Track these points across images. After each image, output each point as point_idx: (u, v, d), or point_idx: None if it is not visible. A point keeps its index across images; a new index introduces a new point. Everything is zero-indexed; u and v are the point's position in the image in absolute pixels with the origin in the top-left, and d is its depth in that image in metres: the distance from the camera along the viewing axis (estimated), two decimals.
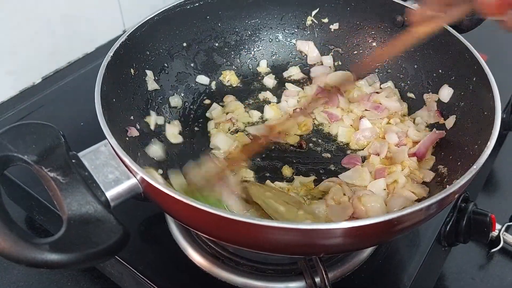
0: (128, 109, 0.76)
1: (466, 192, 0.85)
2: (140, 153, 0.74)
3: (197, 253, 0.72)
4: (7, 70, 1.03)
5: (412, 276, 0.71)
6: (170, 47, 0.87)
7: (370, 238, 0.57)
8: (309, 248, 0.57)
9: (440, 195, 0.53)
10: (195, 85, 0.92)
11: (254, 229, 0.51)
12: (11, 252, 0.47)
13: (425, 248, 0.75)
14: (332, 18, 0.95)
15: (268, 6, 0.95)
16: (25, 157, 0.54)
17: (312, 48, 0.97)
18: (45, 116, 0.95)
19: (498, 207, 0.96)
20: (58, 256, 0.48)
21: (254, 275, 0.70)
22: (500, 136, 0.65)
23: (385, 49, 0.79)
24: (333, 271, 0.70)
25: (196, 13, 0.89)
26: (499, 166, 1.07)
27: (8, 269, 0.83)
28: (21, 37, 1.02)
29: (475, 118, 0.72)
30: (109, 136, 0.58)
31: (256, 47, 0.97)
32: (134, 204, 0.63)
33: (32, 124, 0.57)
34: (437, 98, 0.83)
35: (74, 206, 0.51)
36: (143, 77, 0.81)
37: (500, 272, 0.87)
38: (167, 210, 0.61)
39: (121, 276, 0.76)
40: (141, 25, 0.79)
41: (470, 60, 0.75)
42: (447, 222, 0.79)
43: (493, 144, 0.60)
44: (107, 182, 0.56)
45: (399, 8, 0.87)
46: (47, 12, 1.05)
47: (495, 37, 1.21)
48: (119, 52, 0.73)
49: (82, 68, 1.10)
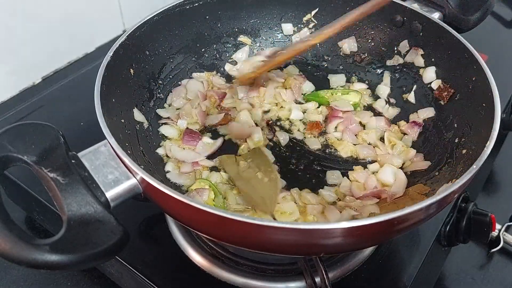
0: (128, 109, 0.77)
1: (466, 192, 0.85)
2: (140, 152, 0.74)
3: (197, 253, 0.72)
4: (7, 70, 1.03)
5: (412, 276, 0.71)
6: (169, 47, 0.87)
7: (370, 238, 0.57)
8: (309, 248, 0.57)
9: (440, 195, 0.53)
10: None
11: (254, 229, 0.51)
12: (11, 253, 0.47)
13: (425, 248, 0.75)
14: (332, 18, 0.95)
15: (268, 6, 0.95)
16: (25, 158, 0.54)
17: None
18: (45, 116, 0.95)
19: (498, 207, 0.96)
20: (58, 257, 0.48)
21: (254, 275, 0.70)
22: (500, 136, 0.65)
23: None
24: (333, 271, 0.70)
25: (195, 13, 0.89)
26: (499, 166, 1.07)
27: (8, 269, 0.83)
28: (21, 37, 1.02)
29: (474, 118, 0.72)
30: (109, 136, 0.58)
31: (256, 47, 0.97)
32: (134, 204, 0.63)
33: (32, 124, 0.57)
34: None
35: (74, 207, 0.51)
36: (142, 77, 0.82)
37: (500, 272, 0.87)
38: (167, 210, 0.61)
39: (121, 276, 0.76)
40: (141, 25, 0.79)
41: (470, 60, 0.75)
42: (447, 222, 0.79)
43: (493, 144, 0.60)
44: (107, 182, 0.56)
45: (399, 8, 0.87)
46: (47, 12, 1.05)
47: (495, 37, 1.22)
48: (119, 52, 0.73)
49: (82, 68, 1.09)
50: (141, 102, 0.81)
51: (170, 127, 0.83)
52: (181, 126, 0.83)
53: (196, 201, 0.51)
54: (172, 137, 0.81)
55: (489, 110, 0.66)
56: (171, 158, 0.78)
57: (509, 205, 0.98)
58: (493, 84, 0.68)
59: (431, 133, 0.81)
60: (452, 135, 0.76)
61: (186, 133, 0.81)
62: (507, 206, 0.97)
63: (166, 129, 0.82)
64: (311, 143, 0.83)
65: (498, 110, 0.64)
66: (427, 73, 0.85)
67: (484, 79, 0.70)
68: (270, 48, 0.96)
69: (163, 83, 0.87)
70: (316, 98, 0.90)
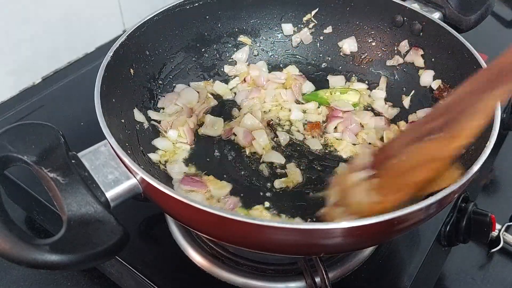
0: (128, 109, 0.77)
1: (466, 192, 0.85)
2: (140, 152, 0.74)
3: (197, 253, 0.72)
4: (7, 70, 1.03)
5: (412, 276, 0.71)
6: (169, 47, 0.87)
7: (370, 238, 0.57)
8: (309, 248, 0.57)
9: (440, 195, 0.53)
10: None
11: (254, 229, 0.51)
12: (11, 253, 0.47)
13: (425, 248, 0.75)
14: (332, 18, 0.95)
15: (268, 6, 0.95)
16: (25, 158, 0.54)
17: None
18: (45, 116, 0.95)
19: (498, 207, 0.96)
20: (58, 257, 0.48)
21: (254, 275, 0.70)
22: (500, 136, 0.65)
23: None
24: (333, 271, 0.70)
25: (195, 13, 0.89)
26: (499, 166, 1.07)
27: (8, 269, 0.83)
28: (21, 37, 1.02)
29: None
30: (109, 136, 0.58)
31: (256, 47, 0.97)
32: (134, 204, 0.63)
33: (32, 124, 0.57)
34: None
35: (74, 207, 0.51)
36: (142, 77, 0.82)
37: (500, 272, 0.87)
38: (167, 210, 0.61)
39: (121, 276, 0.76)
40: (141, 25, 0.79)
41: (469, 60, 0.75)
42: (447, 222, 0.79)
43: (493, 144, 0.60)
44: (107, 182, 0.56)
45: (399, 8, 0.87)
46: (47, 12, 1.05)
47: (495, 37, 1.22)
48: (119, 52, 0.73)
49: (82, 68, 1.09)
50: (141, 102, 0.81)
51: (161, 139, 0.80)
52: (172, 137, 0.81)
53: (196, 201, 0.51)
54: (167, 150, 0.79)
55: None
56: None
57: (509, 205, 0.98)
58: None
59: None
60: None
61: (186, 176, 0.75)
62: (507, 206, 0.97)
63: (159, 142, 0.79)
64: (312, 144, 0.83)
65: (498, 110, 0.64)
66: (425, 77, 0.86)
67: None
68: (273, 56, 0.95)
69: (163, 83, 0.87)
70: (316, 98, 0.90)
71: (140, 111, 0.79)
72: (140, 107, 0.80)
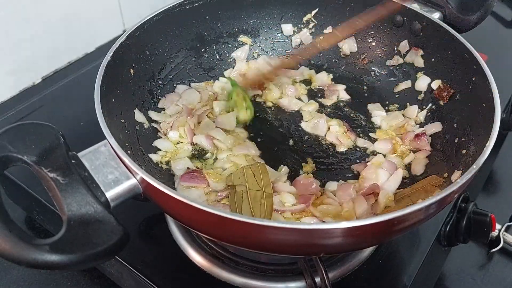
0: (128, 109, 0.77)
1: (466, 192, 0.85)
2: (140, 152, 0.74)
3: (197, 253, 0.72)
4: (7, 70, 1.03)
5: (412, 276, 0.71)
6: (169, 47, 0.87)
7: (370, 238, 0.57)
8: (309, 248, 0.57)
9: (439, 195, 0.53)
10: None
11: (254, 229, 0.51)
12: (11, 253, 0.47)
13: (425, 248, 0.75)
14: (332, 18, 0.95)
15: (268, 6, 0.95)
16: (25, 158, 0.54)
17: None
18: (45, 116, 0.95)
19: (498, 207, 0.96)
20: (58, 257, 0.48)
21: (254, 275, 0.70)
22: (500, 136, 0.65)
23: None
24: (333, 271, 0.70)
25: (195, 13, 0.89)
26: (499, 166, 1.07)
27: (8, 269, 0.83)
28: (21, 37, 1.02)
29: (474, 118, 0.72)
30: (109, 136, 0.58)
31: (256, 47, 0.97)
32: (134, 204, 0.63)
33: (32, 124, 0.57)
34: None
35: (74, 207, 0.51)
36: (142, 77, 0.82)
37: (500, 272, 0.87)
38: (167, 210, 0.61)
39: (121, 276, 0.76)
40: (140, 25, 0.79)
41: (469, 60, 0.75)
42: (447, 222, 0.79)
43: (492, 144, 0.60)
44: (107, 182, 0.56)
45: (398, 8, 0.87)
46: (47, 12, 1.05)
47: (495, 37, 1.22)
48: (119, 52, 0.73)
49: (82, 68, 1.10)
50: (141, 102, 0.81)
51: (162, 140, 0.80)
52: (172, 138, 0.80)
53: (196, 201, 0.51)
54: (168, 150, 0.79)
55: (489, 110, 0.66)
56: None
57: (509, 205, 0.98)
58: (493, 84, 0.68)
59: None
60: (452, 135, 0.76)
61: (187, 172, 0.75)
62: (507, 206, 0.97)
63: (160, 143, 0.79)
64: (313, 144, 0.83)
65: (498, 110, 0.64)
66: (420, 82, 0.86)
67: (484, 79, 0.70)
68: (273, 56, 0.96)
69: (163, 83, 0.87)
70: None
71: (140, 111, 0.79)
72: (141, 107, 0.80)
